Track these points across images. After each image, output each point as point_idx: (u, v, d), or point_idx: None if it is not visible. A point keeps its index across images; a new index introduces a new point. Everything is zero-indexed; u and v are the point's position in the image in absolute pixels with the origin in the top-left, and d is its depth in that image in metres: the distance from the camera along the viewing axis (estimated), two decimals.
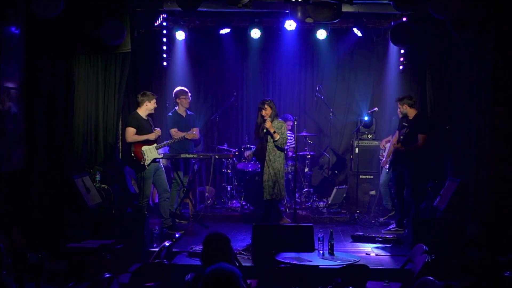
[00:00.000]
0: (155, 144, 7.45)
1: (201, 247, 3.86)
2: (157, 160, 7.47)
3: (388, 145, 8.57)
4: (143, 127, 7.41)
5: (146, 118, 7.50)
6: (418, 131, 7.48)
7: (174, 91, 8.23)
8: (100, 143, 8.03)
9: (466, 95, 7.41)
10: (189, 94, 8.19)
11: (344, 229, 8.06)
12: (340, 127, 10.17)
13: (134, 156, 7.35)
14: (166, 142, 7.71)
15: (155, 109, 7.68)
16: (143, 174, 7.37)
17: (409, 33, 7.50)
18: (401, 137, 7.60)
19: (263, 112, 7.49)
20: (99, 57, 7.97)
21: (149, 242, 6.76)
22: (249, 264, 6.10)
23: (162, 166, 7.67)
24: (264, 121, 7.44)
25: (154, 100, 7.52)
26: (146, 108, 7.45)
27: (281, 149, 7.49)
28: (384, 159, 8.51)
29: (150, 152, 7.37)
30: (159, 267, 4.77)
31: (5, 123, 6.48)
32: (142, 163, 7.32)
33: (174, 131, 8.00)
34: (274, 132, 7.37)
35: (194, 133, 7.95)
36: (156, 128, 7.55)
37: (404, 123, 7.68)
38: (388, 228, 7.84)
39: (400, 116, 7.81)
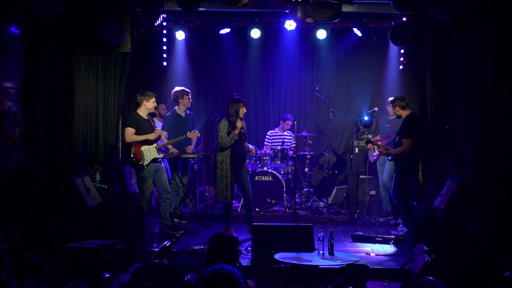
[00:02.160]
0: (155, 144, 7.43)
1: (206, 246, 3.84)
2: (159, 160, 7.47)
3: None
4: (143, 127, 7.39)
5: (146, 118, 7.47)
6: (402, 135, 7.41)
7: (174, 91, 8.17)
8: (100, 143, 8.03)
9: (466, 95, 7.40)
10: (180, 99, 8.07)
11: (344, 229, 8.06)
12: (340, 127, 10.17)
13: (133, 156, 7.34)
14: (167, 142, 7.69)
15: (155, 108, 7.65)
16: (143, 174, 7.36)
17: (409, 33, 7.51)
18: (393, 143, 7.69)
19: (245, 110, 7.37)
20: (99, 57, 7.98)
21: (149, 242, 6.76)
22: (249, 264, 6.10)
23: (164, 166, 7.65)
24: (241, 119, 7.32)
25: (153, 99, 7.44)
26: (145, 108, 7.43)
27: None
28: (375, 157, 8.59)
29: (149, 152, 7.36)
30: (159, 267, 4.77)
31: (5, 123, 6.48)
32: (141, 163, 7.31)
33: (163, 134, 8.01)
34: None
35: (196, 132, 7.91)
36: (156, 128, 7.54)
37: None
38: (397, 229, 7.77)
39: (393, 117, 7.90)
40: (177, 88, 8.19)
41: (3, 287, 3.04)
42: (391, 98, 8.53)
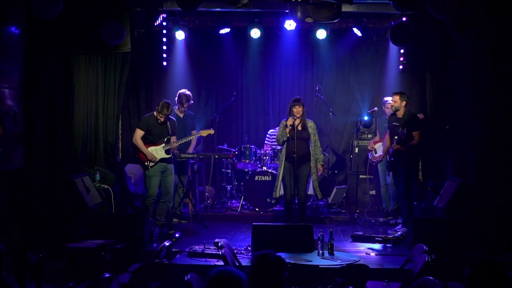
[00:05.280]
0: (163, 144, 7.42)
1: (252, 264, 3.36)
2: (167, 160, 7.44)
3: (378, 145, 8.60)
4: (153, 130, 7.40)
5: (161, 122, 7.41)
6: (412, 129, 7.41)
7: (179, 92, 8.20)
8: (100, 143, 8.03)
9: (466, 94, 7.41)
10: (185, 104, 8.10)
11: (344, 229, 8.05)
12: (340, 127, 10.17)
13: (138, 156, 7.38)
14: (175, 142, 7.59)
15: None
16: (148, 173, 7.38)
17: (409, 33, 7.51)
18: (396, 137, 7.42)
19: (296, 109, 7.42)
20: (99, 57, 7.98)
21: (149, 242, 6.76)
22: (249, 264, 6.10)
23: (172, 168, 7.60)
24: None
25: (159, 114, 7.28)
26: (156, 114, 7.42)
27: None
28: (379, 158, 8.49)
29: (156, 153, 7.37)
30: (159, 267, 4.77)
31: (5, 123, 6.47)
32: (146, 163, 7.34)
33: None
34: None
35: (210, 130, 7.94)
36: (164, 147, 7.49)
37: (394, 123, 7.63)
38: (395, 228, 7.80)
39: (391, 110, 7.80)
40: (183, 91, 8.20)
41: (3, 287, 3.04)
42: (387, 98, 8.53)
